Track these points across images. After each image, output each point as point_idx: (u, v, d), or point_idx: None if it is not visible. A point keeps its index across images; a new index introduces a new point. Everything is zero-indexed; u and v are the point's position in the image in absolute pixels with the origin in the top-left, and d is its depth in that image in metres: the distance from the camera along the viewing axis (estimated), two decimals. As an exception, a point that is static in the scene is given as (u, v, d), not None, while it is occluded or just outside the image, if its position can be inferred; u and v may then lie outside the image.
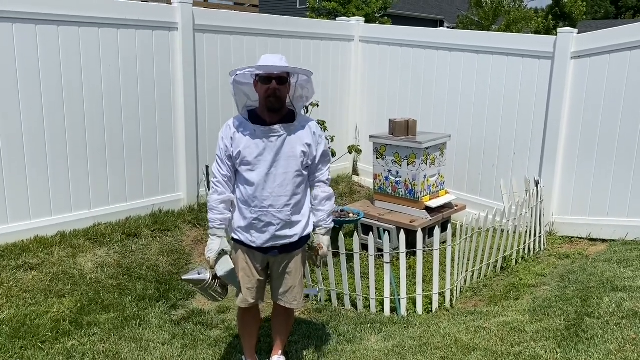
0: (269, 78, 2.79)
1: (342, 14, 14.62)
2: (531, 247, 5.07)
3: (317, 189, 3.07)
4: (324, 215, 3.08)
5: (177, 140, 5.45)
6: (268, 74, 2.79)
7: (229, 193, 2.95)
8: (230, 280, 2.96)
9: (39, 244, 4.43)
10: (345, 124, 7.12)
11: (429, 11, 31.88)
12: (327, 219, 3.09)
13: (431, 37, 6.36)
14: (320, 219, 3.08)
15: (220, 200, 2.93)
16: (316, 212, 3.07)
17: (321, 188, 3.07)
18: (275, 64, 2.79)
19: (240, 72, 2.85)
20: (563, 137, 5.41)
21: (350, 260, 4.30)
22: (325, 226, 3.10)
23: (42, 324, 3.59)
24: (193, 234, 5.21)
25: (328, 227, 3.11)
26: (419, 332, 3.62)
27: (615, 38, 5.02)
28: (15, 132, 4.39)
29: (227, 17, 5.76)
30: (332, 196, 3.11)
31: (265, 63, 2.80)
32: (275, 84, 2.79)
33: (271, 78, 2.78)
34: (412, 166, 5.16)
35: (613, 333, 3.08)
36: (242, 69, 2.85)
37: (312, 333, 3.71)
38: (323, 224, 3.09)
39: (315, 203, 3.07)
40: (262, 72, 2.79)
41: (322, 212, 3.07)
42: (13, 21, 4.26)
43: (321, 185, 3.07)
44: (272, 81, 2.78)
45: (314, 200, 3.07)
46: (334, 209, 3.18)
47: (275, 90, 2.79)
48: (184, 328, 3.82)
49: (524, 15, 19.95)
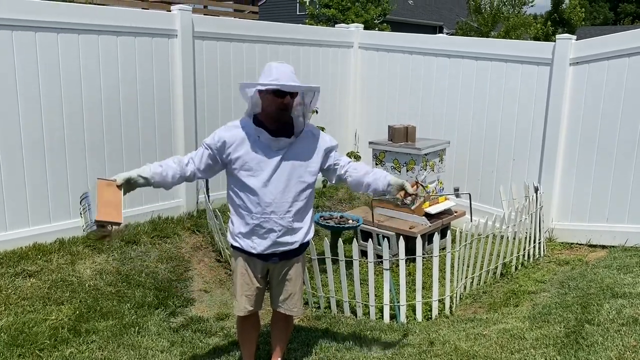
0: (283, 93, 2.78)
1: (341, 20, 14.67)
2: (531, 253, 5.06)
3: (354, 173, 3.00)
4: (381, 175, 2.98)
5: (176, 147, 5.45)
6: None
7: (187, 172, 2.87)
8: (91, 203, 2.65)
9: (37, 251, 4.43)
10: (344, 130, 7.13)
11: (428, 17, 31.99)
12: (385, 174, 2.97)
13: (430, 44, 6.38)
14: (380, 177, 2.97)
15: (177, 163, 2.85)
16: (373, 179, 2.97)
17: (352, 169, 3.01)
18: (290, 81, 2.75)
19: (263, 87, 2.77)
20: (562, 143, 5.41)
21: (350, 267, 4.29)
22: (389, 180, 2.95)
23: (40, 331, 3.57)
24: (192, 240, 5.21)
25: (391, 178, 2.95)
26: (418, 339, 3.61)
27: (613, 44, 5.03)
28: (14, 139, 4.39)
29: (227, 24, 5.78)
30: (363, 164, 3.11)
31: (279, 76, 2.75)
32: (289, 99, 2.79)
33: (285, 93, 2.78)
34: (412, 172, 5.16)
35: (613, 340, 3.07)
36: (264, 85, 2.76)
37: (312, 340, 3.70)
38: (388, 177, 2.97)
39: (366, 177, 2.97)
40: (286, 90, 2.76)
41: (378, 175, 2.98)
42: (13, 29, 4.27)
43: (350, 167, 3.02)
44: (286, 96, 2.77)
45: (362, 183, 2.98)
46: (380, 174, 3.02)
47: (288, 104, 2.80)
48: (183, 335, 3.81)
49: (523, 22, 20.02)
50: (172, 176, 2.86)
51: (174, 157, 2.93)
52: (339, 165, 3.04)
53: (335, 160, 3.03)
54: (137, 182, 2.78)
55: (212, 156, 2.89)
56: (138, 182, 2.79)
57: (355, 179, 3.03)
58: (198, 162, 2.90)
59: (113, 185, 2.68)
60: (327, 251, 4.11)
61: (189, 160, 2.90)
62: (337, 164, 3.04)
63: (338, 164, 3.04)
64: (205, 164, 2.90)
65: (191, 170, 2.90)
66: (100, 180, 2.67)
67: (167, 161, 2.88)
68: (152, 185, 2.85)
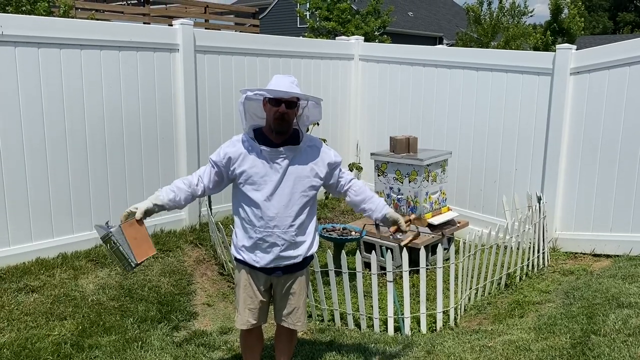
0: (278, 101, 2.78)
1: (341, 33, 14.74)
2: (535, 263, 5.04)
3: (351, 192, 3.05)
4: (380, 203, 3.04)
5: (178, 160, 5.46)
6: (278, 98, 2.79)
7: (199, 192, 2.91)
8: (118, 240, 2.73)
9: (40, 266, 4.42)
10: (346, 142, 7.14)
11: (427, 28, 32.14)
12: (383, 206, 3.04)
13: (430, 55, 6.40)
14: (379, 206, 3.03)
15: (188, 185, 2.88)
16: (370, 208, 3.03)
17: (353, 187, 3.05)
18: (286, 89, 2.77)
19: (252, 93, 2.83)
20: (564, 152, 5.41)
21: (353, 279, 4.27)
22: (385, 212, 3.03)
23: (43, 347, 3.56)
24: (195, 254, 5.19)
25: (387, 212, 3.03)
26: (423, 351, 3.58)
27: (614, 54, 5.04)
28: (16, 154, 4.41)
29: (228, 37, 5.83)
30: (365, 186, 3.09)
31: (276, 84, 2.79)
32: (284, 108, 2.77)
33: (281, 101, 2.78)
34: (414, 183, 5.16)
35: (620, 351, 3.05)
36: (253, 90, 2.83)
37: (315, 354, 3.67)
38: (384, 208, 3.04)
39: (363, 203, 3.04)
40: (274, 96, 2.78)
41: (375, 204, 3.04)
42: (15, 45, 4.30)
43: (352, 185, 3.05)
44: (281, 104, 2.77)
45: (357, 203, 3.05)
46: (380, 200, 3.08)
47: (284, 114, 2.78)
48: (186, 350, 3.78)
49: (523, 32, 20.07)
50: (184, 199, 2.90)
51: (183, 178, 2.94)
52: (342, 183, 3.06)
53: (339, 178, 3.04)
54: (153, 211, 2.84)
55: (219, 173, 2.90)
56: (154, 211, 2.85)
57: (353, 202, 3.08)
58: (207, 180, 2.92)
59: (134, 222, 2.77)
60: (330, 263, 4.09)
61: (198, 180, 2.92)
62: (340, 182, 3.06)
63: (340, 182, 3.06)
64: (213, 181, 2.92)
65: (201, 189, 2.93)
66: (124, 224, 2.75)
67: (177, 184, 2.90)
68: (167, 210, 2.91)
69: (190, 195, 2.91)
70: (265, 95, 2.81)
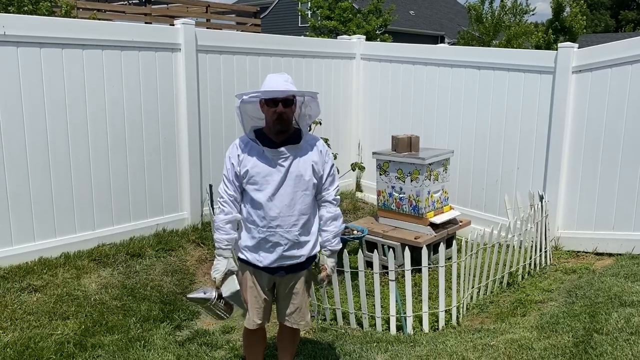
0: (275, 101, 2.78)
1: (342, 32, 14.73)
2: (537, 262, 5.04)
3: (323, 209, 3.01)
4: (329, 236, 3.01)
5: (180, 159, 5.46)
6: (273, 98, 2.80)
7: (235, 213, 2.92)
8: (235, 300, 2.94)
9: (43, 266, 4.43)
10: (348, 141, 7.14)
11: (429, 27, 32.10)
12: (332, 240, 3.01)
13: (432, 54, 6.40)
14: (325, 240, 3.01)
15: (227, 220, 2.90)
16: (322, 232, 3.01)
17: (327, 208, 3.01)
18: (279, 88, 2.77)
19: (247, 96, 2.85)
20: (566, 151, 5.40)
21: (355, 278, 4.27)
22: (330, 247, 3.02)
23: (46, 346, 3.57)
24: (197, 253, 5.20)
25: (333, 248, 3.03)
26: (425, 350, 3.58)
27: (616, 52, 5.04)
28: (19, 155, 4.41)
29: (230, 37, 5.83)
30: (338, 216, 3.03)
31: (270, 84, 2.80)
32: (282, 107, 2.78)
33: (277, 101, 2.78)
34: (416, 182, 5.16)
35: (622, 349, 3.04)
36: (247, 94, 2.85)
37: (318, 353, 3.67)
38: (328, 244, 3.01)
39: (321, 223, 3.01)
40: (268, 97, 2.79)
41: (327, 233, 3.00)
42: (17, 45, 4.31)
43: (327, 205, 3.01)
44: (278, 104, 2.78)
45: (320, 220, 3.02)
46: (341, 230, 3.07)
47: (282, 113, 2.79)
48: (189, 349, 3.79)
49: (525, 30, 20.02)
50: (235, 229, 2.95)
51: (218, 222, 2.93)
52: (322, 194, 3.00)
53: (324, 187, 2.99)
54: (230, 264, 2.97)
55: (236, 176, 2.89)
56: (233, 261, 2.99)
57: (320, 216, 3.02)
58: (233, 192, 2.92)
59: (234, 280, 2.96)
60: (332, 262, 4.09)
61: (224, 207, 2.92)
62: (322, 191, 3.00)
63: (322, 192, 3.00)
64: (240, 189, 2.92)
65: (235, 209, 2.93)
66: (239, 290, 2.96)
67: (225, 229, 2.91)
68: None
69: (237, 222, 2.95)
70: (260, 97, 2.82)
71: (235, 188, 2.91)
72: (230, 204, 2.91)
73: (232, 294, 2.89)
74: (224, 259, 2.91)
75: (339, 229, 3.04)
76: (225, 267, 2.91)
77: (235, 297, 2.91)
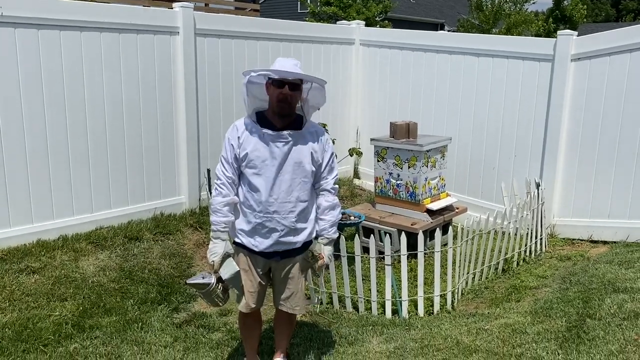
0: (282, 83, 2.77)
1: (342, 18, 14.66)
2: (532, 249, 5.07)
3: (321, 197, 3.01)
4: (326, 225, 3.01)
5: (178, 143, 5.46)
6: (282, 79, 2.78)
7: (233, 195, 2.91)
8: (234, 283, 2.95)
9: (41, 248, 4.45)
10: (346, 127, 7.14)
11: (429, 15, 31.94)
12: (329, 229, 3.01)
13: (432, 40, 6.38)
14: (322, 229, 3.01)
15: (225, 203, 2.89)
16: (319, 220, 3.01)
17: (325, 197, 3.00)
18: (291, 70, 2.77)
19: (255, 73, 2.82)
20: (564, 139, 5.42)
21: (352, 263, 4.30)
22: (327, 236, 3.02)
23: (44, 327, 3.60)
24: (195, 237, 5.22)
25: (330, 237, 3.03)
26: (420, 334, 3.62)
27: (615, 40, 5.03)
28: (17, 137, 4.41)
29: (228, 21, 5.79)
30: (336, 205, 3.03)
31: (280, 67, 2.77)
32: (288, 90, 2.77)
33: (284, 83, 2.77)
34: (413, 169, 5.17)
35: (614, 334, 3.08)
36: (257, 71, 2.83)
37: (314, 335, 3.71)
38: (325, 233, 3.01)
39: (319, 212, 3.01)
40: (278, 76, 2.78)
41: (324, 222, 3.00)
42: (15, 26, 4.28)
43: (325, 193, 3.01)
44: (285, 86, 2.76)
45: (317, 208, 3.02)
46: (338, 219, 3.07)
47: (287, 95, 2.77)
48: (186, 331, 3.83)
49: (525, 19, 19.97)
50: (232, 212, 2.94)
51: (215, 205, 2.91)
52: (321, 182, 3.00)
53: (323, 175, 2.99)
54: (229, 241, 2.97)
55: (235, 158, 2.88)
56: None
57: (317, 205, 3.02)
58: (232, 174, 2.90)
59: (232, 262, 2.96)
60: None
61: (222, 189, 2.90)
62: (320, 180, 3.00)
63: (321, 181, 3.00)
64: (238, 171, 2.91)
65: (233, 191, 2.92)
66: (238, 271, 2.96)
67: (222, 211, 2.90)
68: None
69: (233, 204, 2.94)
70: (269, 76, 2.80)
71: (233, 170, 2.90)
72: (227, 186, 2.90)
73: (232, 276, 2.89)
74: (222, 241, 2.91)
75: (336, 218, 3.04)
76: (223, 249, 2.90)
77: (235, 279, 2.92)
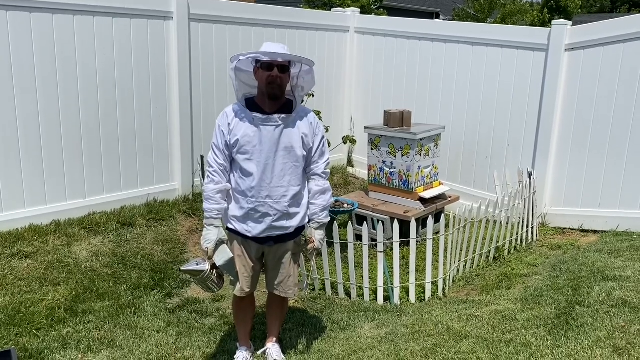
0: (271, 65, 2.77)
1: (337, 5, 14.58)
2: (524, 237, 5.11)
3: (312, 182, 3.03)
4: (317, 210, 3.03)
5: (171, 130, 5.44)
6: (270, 61, 2.77)
7: (225, 182, 2.93)
8: (228, 269, 2.96)
9: (33, 233, 4.44)
10: (340, 115, 7.13)
11: (424, 4, 31.78)
12: (320, 214, 3.03)
13: (426, 29, 6.37)
14: (313, 213, 3.03)
15: (217, 190, 2.91)
16: (310, 205, 3.03)
17: (316, 181, 3.02)
18: (279, 51, 2.78)
19: (244, 57, 2.82)
20: (556, 129, 5.44)
21: (345, 250, 4.32)
22: (317, 220, 3.04)
23: (37, 311, 3.60)
24: (188, 223, 5.23)
25: (321, 221, 3.05)
26: (411, 320, 3.66)
27: (609, 30, 5.04)
28: (9, 122, 4.38)
29: (223, 6, 5.75)
30: (327, 190, 3.05)
31: (267, 49, 2.79)
32: (277, 72, 2.78)
33: (273, 65, 2.77)
34: (407, 157, 5.19)
35: (603, 321, 3.13)
36: (245, 54, 2.83)
37: (306, 321, 3.74)
38: (316, 218, 3.03)
39: (310, 196, 3.03)
40: (267, 58, 2.77)
41: (315, 206, 3.02)
42: (7, 9, 4.24)
43: (316, 178, 3.02)
44: (274, 68, 2.77)
45: (308, 193, 3.04)
46: (329, 204, 3.10)
47: (277, 77, 2.78)
48: (179, 316, 3.85)
49: (520, 9, 19.96)
50: (225, 199, 2.95)
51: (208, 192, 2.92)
52: (312, 167, 3.02)
53: (314, 160, 3.00)
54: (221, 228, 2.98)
55: (226, 145, 2.88)
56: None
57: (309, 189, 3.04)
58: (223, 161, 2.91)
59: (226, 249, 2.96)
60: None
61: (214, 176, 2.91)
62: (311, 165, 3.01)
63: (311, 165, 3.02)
64: (229, 158, 2.92)
65: (225, 178, 2.93)
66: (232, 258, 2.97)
67: (215, 199, 2.91)
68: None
69: (226, 191, 2.94)
70: (258, 58, 2.80)
71: (225, 157, 2.90)
72: (220, 174, 2.91)
73: (226, 263, 2.91)
74: (215, 228, 2.92)
75: (327, 203, 3.06)
76: (216, 236, 2.91)
77: (228, 265, 2.93)
